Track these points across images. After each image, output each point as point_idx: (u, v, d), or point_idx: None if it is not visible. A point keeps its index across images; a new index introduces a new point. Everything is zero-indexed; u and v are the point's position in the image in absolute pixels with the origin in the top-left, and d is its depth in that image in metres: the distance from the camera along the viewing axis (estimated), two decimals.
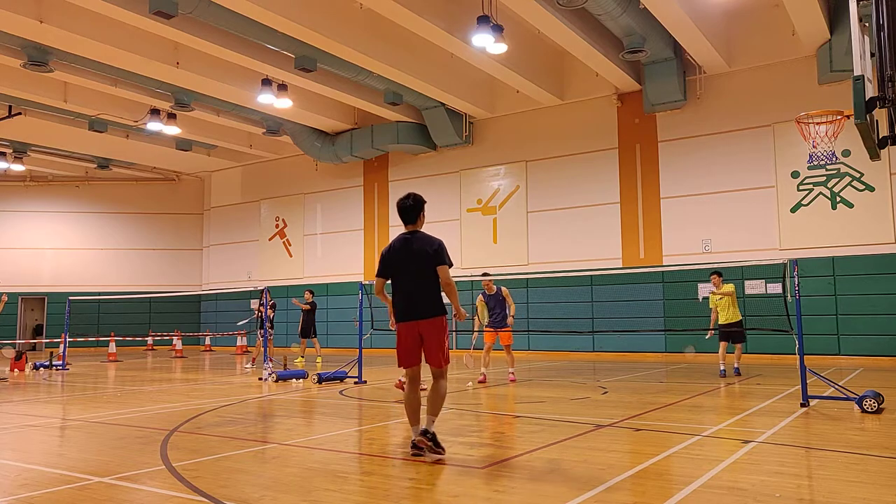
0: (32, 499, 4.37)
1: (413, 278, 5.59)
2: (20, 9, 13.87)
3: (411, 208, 5.72)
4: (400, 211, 5.76)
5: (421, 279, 5.58)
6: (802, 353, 8.14)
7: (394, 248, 5.71)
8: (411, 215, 5.73)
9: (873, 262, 15.88)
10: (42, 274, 27.28)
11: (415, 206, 5.73)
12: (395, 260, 5.68)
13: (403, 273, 5.65)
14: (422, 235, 5.70)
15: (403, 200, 5.75)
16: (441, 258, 5.57)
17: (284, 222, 26.29)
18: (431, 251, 5.58)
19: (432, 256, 5.56)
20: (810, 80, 16.77)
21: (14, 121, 20.42)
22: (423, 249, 5.59)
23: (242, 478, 4.86)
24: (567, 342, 19.15)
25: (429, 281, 5.58)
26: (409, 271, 5.61)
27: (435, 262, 5.57)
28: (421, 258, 5.57)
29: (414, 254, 5.60)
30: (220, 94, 19.05)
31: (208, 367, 17.06)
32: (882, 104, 5.38)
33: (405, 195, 5.78)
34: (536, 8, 14.08)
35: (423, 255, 5.57)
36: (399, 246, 5.69)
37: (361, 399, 9.54)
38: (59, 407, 9.44)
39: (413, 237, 5.68)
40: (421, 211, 5.78)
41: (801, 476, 4.82)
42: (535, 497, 4.29)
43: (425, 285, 5.58)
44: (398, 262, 5.66)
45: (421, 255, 5.58)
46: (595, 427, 6.87)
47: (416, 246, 5.62)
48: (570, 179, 20.01)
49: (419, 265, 5.57)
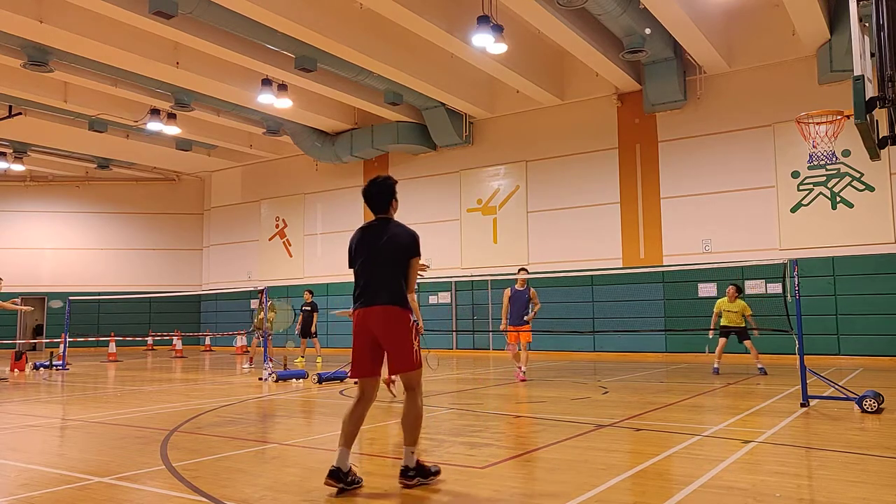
0: (32, 499, 4.38)
1: (375, 267, 4.64)
2: (20, 9, 13.87)
3: (378, 195, 4.78)
4: (367, 199, 4.81)
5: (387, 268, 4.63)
6: (802, 353, 8.14)
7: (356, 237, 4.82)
8: (381, 202, 4.78)
9: (873, 262, 15.88)
10: (42, 274, 27.28)
11: (383, 190, 4.76)
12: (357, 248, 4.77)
13: (365, 262, 4.69)
14: (394, 223, 4.77)
15: (368, 187, 4.79)
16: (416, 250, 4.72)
17: (284, 222, 26.29)
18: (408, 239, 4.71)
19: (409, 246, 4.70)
20: (810, 80, 16.77)
21: (14, 121, 20.42)
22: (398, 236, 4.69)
23: (242, 478, 4.87)
24: (567, 342, 19.15)
25: (395, 271, 4.64)
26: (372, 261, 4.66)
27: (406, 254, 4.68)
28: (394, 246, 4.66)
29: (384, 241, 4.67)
30: (220, 94, 19.05)
31: (208, 367, 17.06)
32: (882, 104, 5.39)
33: (370, 180, 4.82)
34: (536, 8, 14.07)
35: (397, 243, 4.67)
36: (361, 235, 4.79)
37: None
38: (59, 407, 9.44)
39: (383, 223, 4.76)
40: (392, 196, 4.79)
41: (801, 476, 4.82)
42: (535, 497, 4.29)
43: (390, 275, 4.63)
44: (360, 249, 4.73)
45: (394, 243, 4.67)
46: (595, 427, 6.87)
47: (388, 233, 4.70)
48: (570, 179, 20.01)
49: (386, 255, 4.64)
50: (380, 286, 4.61)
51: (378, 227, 4.76)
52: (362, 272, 4.71)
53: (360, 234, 4.82)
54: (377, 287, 4.61)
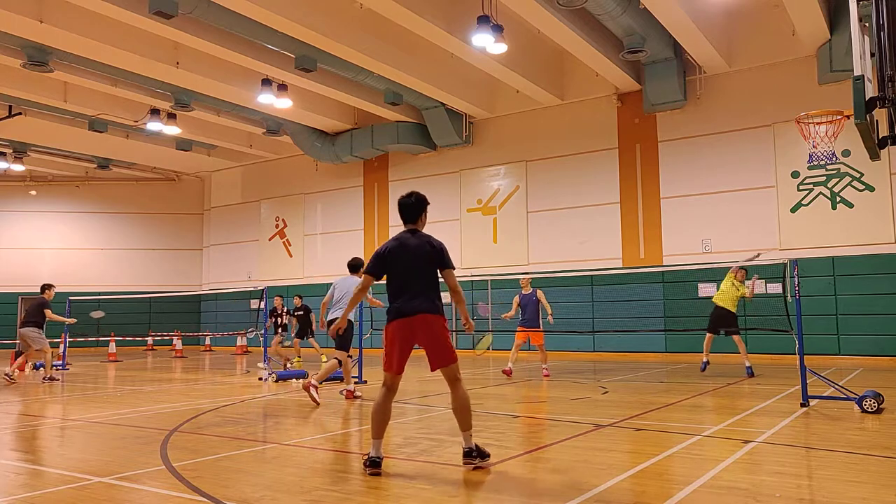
0: (32, 499, 4.37)
1: (412, 275, 5.22)
2: (20, 9, 13.87)
3: (413, 206, 5.44)
4: (401, 208, 5.46)
5: (421, 277, 5.23)
6: (802, 353, 8.14)
7: (391, 247, 5.35)
8: (413, 214, 5.43)
9: (873, 262, 15.88)
10: (42, 274, 27.20)
11: (417, 204, 5.44)
12: (392, 258, 5.29)
13: (401, 271, 5.26)
14: (422, 234, 5.43)
15: (406, 198, 5.46)
16: (445, 260, 5.30)
17: (284, 222, 26.29)
18: (434, 250, 5.28)
19: (434, 256, 5.27)
20: (810, 80, 16.77)
21: (14, 121, 20.42)
22: (424, 247, 5.27)
23: (242, 478, 4.86)
24: (567, 342, 19.14)
25: (429, 279, 5.25)
26: (408, 268, 5.24)
27: (438, 264, 5.29)
28: (423, 255, 5.25)
29: (414, 250, 5.26)
30: (220, 94, 19.05)
31: (208, 368, 17.06)
32: (882, 104, 5.38)
33: (408, 193, 5.51)
34: (536, 8, 14.07)
35: (424, 253, 5.26)
36: (397, 245, 5.34)
37: (361, 399, 9.54)
38: (59, 407, 9.45)
39: (413, 235, 5.38)
40: (423, 211, 5.47)
41: (801, 476, 4.82)
42: (535, 497, 4.29)
43: (425, 283, 5.23)
44: (396, 260, 5.28)
45: (422, 252, 5.26)
46: (595, 427, 6.87)
47: (416, 243, 5.29)
48: (570, 179, 20.01)
49: (420, 262, 5.24)
50: (418, 295, 5.19)
51: (411, 238, 5.37)
52: (400, 279, 5.26)
53: (394, 244, 5.37)
54: (415, 295, 5.19)
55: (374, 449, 4.95)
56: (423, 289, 5.21)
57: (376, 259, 5.36)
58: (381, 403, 5.12)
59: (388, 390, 5.18)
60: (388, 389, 5.18)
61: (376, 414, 5.08)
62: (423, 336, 5.15)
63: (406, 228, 5.45)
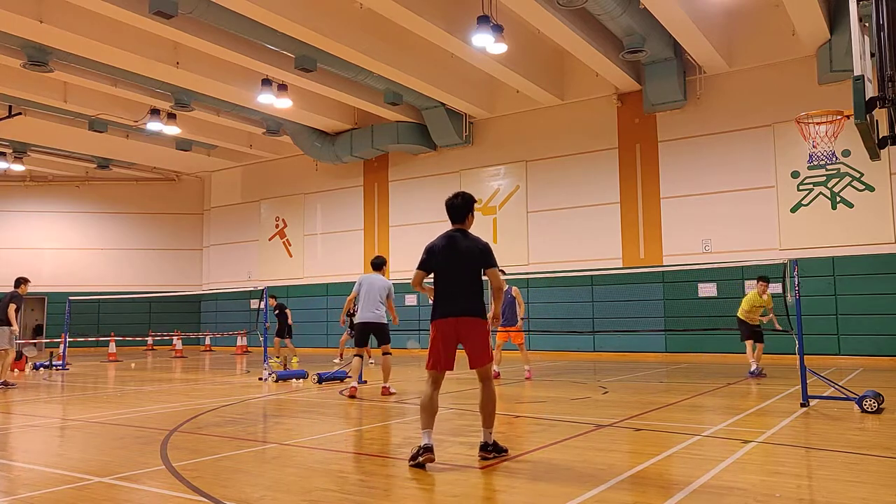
0: (32, 499, 4.37)
1: (458, 276, 5.43)
2: (20, 9, 13.87)
3: (460, 207, 5.60)
4: (448, 209, 5.63)
5: (466, 277, 5.42)
6: (802, 353, 8.14)
7: (442, 245, 5.52)
8: (460, 214, 5.60)
9: (873, 262, 15.88)
10: (42, 274, 27.24)
11: (464, 204, 5.61)
12: (441, 256, 5.48)
13: (448, 270, 5.46)
14: (469, 234, 5.59)
15: (453, 199, 5.63)
16: (490, 261, 5.47)
17: (284, 222, 26.29)
18: (479, 251, 5.46)
19: (479, 256, 5.45)
20: (810, 80, 16.77)
21: (14, 121, 20.41)
22: (471, 248, 5.46)
23: (242, 478, 4.86)
24: (567, 342, 19.15)
25: (473, 280, 5.44)
26: (454, 268, 5.44)
27: (483, 263, 5.46)
28: (468, 256, 5.43)
29: (461, 251, 5.45)
30: (220, 94, 19.04)
31: (208, 368, 17.06)
32: (882, 104, 5.38)
33: (454, 194, 5.66)
34: (536, 8, 14.07)
35: (470, 254, 5.44)
36: (446, 242, 5.51)
37: (362, 399, 9.54)
38: (59, 407, 9.45)
39: (460, 235, 5.55)
40: (470, 210, 5.63)
41: (801, 476, 4.82)
42: (535, 497, 4.29)
43: (470, 284, 5.42)
44: (444, 257, 5.46)
45: (468, 254, 5.44)
46: (595, 427, 6.87)
47: (464, 244, 5.48)
48: (570, 179, 20.01)
49: (465, 262, 5.43)
50: (463, 295, 5.40)
51: (461, 239, 5.52)
52: (446, 278, 5.47)
53: (443, 241, 5.54)
54: (461, 296, 5.40)
55: (426, 437, 5.18)
56: (467, 290, 5.41)
57: (428, 255, 5.56)
58: (431, 395, 5.34)
59: (434, 387, 5.39)
60: (433, 386, 5.40)
61: (425, 407, 5.30)
62: (465, 337, 5.37)
63: (454, 227, 5.61)
